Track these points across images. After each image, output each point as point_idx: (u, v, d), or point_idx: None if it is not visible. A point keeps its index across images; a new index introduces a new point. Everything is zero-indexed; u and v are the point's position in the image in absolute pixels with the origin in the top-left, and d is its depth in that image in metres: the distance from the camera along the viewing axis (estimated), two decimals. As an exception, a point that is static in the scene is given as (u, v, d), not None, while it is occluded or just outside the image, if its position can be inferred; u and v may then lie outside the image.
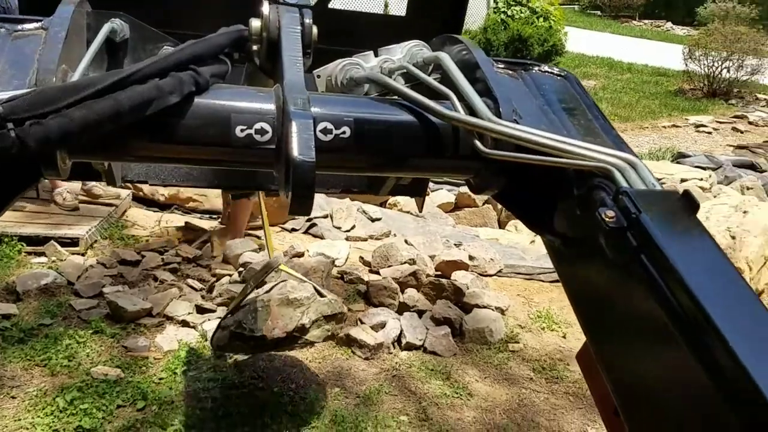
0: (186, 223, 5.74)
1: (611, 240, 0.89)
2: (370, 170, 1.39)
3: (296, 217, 6.79)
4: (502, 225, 7.69)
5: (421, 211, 7.71)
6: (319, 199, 7.36)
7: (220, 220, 6.11)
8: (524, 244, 6.76)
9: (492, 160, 1.05)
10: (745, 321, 0.77)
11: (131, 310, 3.92)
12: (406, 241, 5.80)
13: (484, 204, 7.70)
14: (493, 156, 1.04)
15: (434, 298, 4.71)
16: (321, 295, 3.41)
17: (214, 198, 6.36)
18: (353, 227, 6.51)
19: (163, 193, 6.23)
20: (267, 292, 3.33)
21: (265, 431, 3.21)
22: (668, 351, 0.82)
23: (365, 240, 6.25)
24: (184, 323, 3.98)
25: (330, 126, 1.02)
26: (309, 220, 6.80)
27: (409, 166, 1.20)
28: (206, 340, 3.84)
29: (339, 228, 6.59)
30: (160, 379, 3.48)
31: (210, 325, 3.98)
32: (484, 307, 4.63)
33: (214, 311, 4.13)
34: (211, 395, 3.39)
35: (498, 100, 1.09)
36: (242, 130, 0.99)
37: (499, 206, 7.71)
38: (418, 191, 2.09)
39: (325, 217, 6.81)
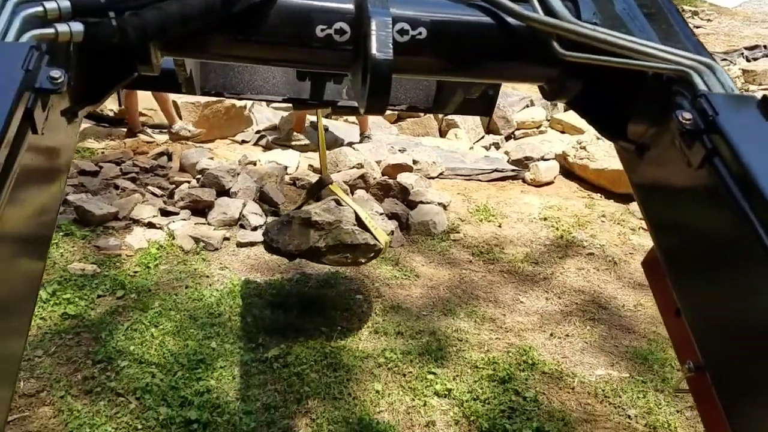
0: (138, 135, 5.90)
1: (687, 142, 0.88)
2: (444, 73, 1.36)
3: (245, 129, 6.97)
4: (443, 134, 8.06)
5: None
6: (267, 112, 7.53)
7: (169, 135, 6.26)
8: (464, 149, 7.19)
9: (569, 65, 1.04)
10: None
11: (98, 214, 4.14)
12: (353, 148, 6.11)
13: (425, 114, 8.02)
14: (571, 58, 1.02)
15: (382, 197, 5.10)
16: (360, 222, 3.33)
17: (162, 113, 6.47)
18: (301, 138, 6.75)
19: (111, 108, 6.30)
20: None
21: (232, 312, 3.57)
22: (737, 256, 0.83)
23: (314, 150, 6.49)
24: (151, 225, 4.24)
25: (407, 26, 1.03)
26: (258, 132, 7.00)
27: (485, 70, 1.18)
28: (173, 238, 4.13)
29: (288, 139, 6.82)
30: (135, 272, 3.78)
31: (175, 225, 4.27)
32: (428, 203, 5.06)
33: (177, 213, 4.40)
34: (184, 283, 3.72)
35: (578, 3, 1.08)
36: (322, 30, 1.02)
37: (440, 115, 8.04)
38: (486, 109, 1.97)
39: (274, 128, 7.02)
